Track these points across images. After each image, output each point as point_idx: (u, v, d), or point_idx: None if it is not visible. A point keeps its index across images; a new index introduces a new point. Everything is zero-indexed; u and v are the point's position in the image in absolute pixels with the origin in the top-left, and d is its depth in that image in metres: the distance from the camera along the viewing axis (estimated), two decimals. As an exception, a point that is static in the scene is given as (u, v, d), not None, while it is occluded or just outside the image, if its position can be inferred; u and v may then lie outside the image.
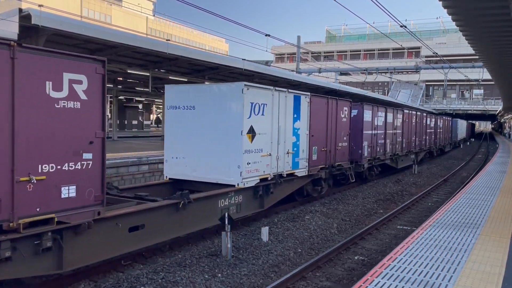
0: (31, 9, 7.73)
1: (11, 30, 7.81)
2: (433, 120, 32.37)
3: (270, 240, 9.98)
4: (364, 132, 17.65)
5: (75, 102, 6.07)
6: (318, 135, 13.77)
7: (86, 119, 6.23)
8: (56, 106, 5.87)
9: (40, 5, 9.87)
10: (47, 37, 8.58)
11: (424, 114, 29.25)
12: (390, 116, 21.05)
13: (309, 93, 12.95)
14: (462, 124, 54.49)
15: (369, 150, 18.34)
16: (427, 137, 30.12)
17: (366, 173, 18.73)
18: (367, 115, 18.11)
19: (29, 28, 8.02)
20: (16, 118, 5.43)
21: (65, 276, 7.33)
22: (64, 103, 5.95)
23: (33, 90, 5.61)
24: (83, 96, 6.15)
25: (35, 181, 5.64)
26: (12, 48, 5.42)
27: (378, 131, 19.42)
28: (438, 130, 34.60)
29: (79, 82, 6.11)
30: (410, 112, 25.53)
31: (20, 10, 7.73)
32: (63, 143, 5.97)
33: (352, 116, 16.80)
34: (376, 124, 19.06)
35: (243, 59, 14.03)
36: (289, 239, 10.21)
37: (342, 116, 15.41)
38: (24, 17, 7.69)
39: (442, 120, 36.48)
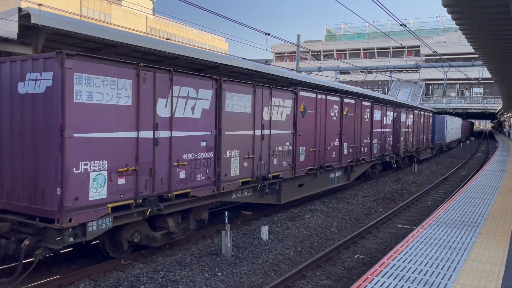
0: (30, 8, 7.71)
1: (11, 29, 7.80)
2: (390, 114, 21.65)
3: (270, 239, 9.99)
4: (68, 137, 6.66)
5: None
6: None
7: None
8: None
9: (39, 4, 9.86)
10: (46, 36, 8.57)
11: (366, 104, 18.06)
12: (239, 101, 10.23)
13: None
14: (453, 122, 44.30)
15: (120, 182, 7.47)
16: (376, 141, 19.36)
17: (123, 244, 7.95)
18: (99, 91, 7.08)
19: (28, 27, 8.01)
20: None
21: (65, 276, 7.33)
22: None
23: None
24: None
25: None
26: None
27: (177, 132, 8.56)
28: (403, 130, 23.86)
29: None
30: (321, 97, 13.97)
31: (20, 9, 7.72)
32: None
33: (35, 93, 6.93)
34: (167, 115, 8.36)
35: (242, 58, 14.02)
36: (289, 238, 10.21)
37: None
38: (24, 16, 7.68)
39: (412, 115, 25.79)
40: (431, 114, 32.69)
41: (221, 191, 9.70)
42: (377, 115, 19.59)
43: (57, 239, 6.67)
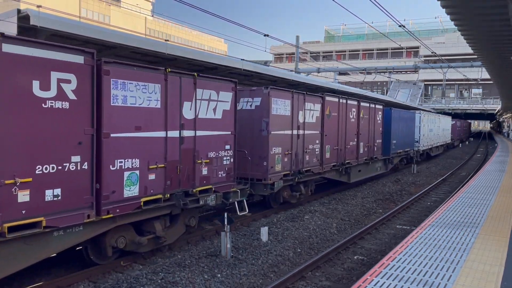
0: (29, 10, 7.70)
1: (10, 30, 7.79)
2: (226, 99, 10.01)
3: (270, 240, 9.98)
4: None
5: None
6: None
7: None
8: None
9: (38, 6, 9.86)
10: (45, 38, 8.57)
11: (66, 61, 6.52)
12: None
13: None
14: (435, 122, 33.21)
15: None
16: (117, 167, 7.43)
17: None
18: None
19: (27, 29, 8.01)
20: None
21: (64, 277, 7.32)
22: None
23: None
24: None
25: None
26: None
27: None
28: (281, 133, 12.16)
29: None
30: None
31: (19, 10, 7.72)
32: None
33: None
34: None
35: (241, 59, 14.02)
36: (288, 239, 10.21)
37: None
38: (23, 18, 7.67)
39: (319, 105, 14.24)
40: (380, 107, 20.11)
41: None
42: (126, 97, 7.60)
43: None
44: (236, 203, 10.49)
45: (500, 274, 5.80)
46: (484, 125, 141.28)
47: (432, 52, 25.26)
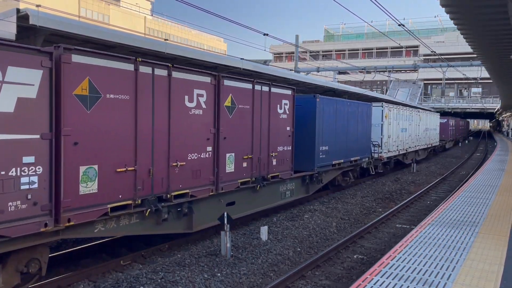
0: (28, 9, 7.69)
1: (9, 30, 7.79)
2: None
3: (269, 239, 9.99)
4: None
5: None
6: None
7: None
8: None
9: (37, 5, 9.85)
10: (45, 37, 8.56)
11: None
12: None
13: None
14: (412, 119, 26.37)
15: None
16: None
17: None
18: None
19: (27, 29, 8.00)
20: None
21: (64, 277, 7.33)
22: None
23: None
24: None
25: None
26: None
27: None
28: None
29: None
30: None
31: (18, 10, 7.71)
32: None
33: None
34: None
35: (241, 59, 14.02)
36: (288, 238, 10.21)
37: None
38: (22, 17, 7.67)
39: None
40: (287, 93, 12.44)
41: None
42: None
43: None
44: None
45: (500, 273, 5.81)
46: (483, 124, 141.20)
47: (431, 51, 25.25)
